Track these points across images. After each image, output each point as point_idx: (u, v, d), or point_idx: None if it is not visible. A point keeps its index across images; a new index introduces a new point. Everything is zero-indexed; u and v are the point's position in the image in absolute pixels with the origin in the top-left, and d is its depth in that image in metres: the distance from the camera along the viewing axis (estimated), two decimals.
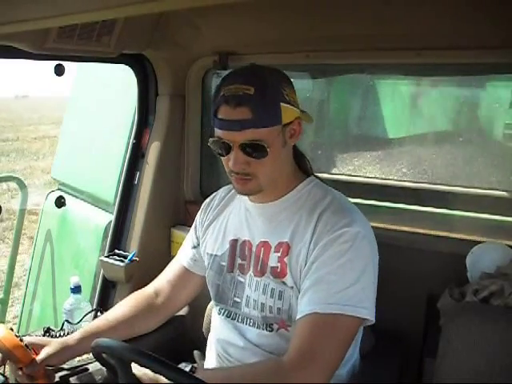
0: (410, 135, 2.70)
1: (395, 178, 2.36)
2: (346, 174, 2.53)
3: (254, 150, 1.21)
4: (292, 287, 1.27)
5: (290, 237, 1.30)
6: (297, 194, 1.34)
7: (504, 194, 2.02)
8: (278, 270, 1.30)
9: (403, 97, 2.76)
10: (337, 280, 1.18)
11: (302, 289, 1.23)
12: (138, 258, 2.08)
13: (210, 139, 1.26)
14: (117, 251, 2.14)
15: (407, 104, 2.76)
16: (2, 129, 18.00)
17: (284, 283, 1.28)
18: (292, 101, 1.24)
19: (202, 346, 1.61)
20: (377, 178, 2.44)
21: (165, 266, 1.61)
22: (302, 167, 1.39)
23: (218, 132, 1.24)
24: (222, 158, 1.27)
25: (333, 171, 2.59)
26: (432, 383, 1.40)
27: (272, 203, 1.35)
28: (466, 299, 1.51)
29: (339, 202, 1.30)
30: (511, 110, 2.37)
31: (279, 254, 1.30)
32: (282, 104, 1.21)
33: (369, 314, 1.20)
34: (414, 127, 2.71)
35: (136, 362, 1.05)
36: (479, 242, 1.63)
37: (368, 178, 2.45)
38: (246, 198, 1.38)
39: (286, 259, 1.29)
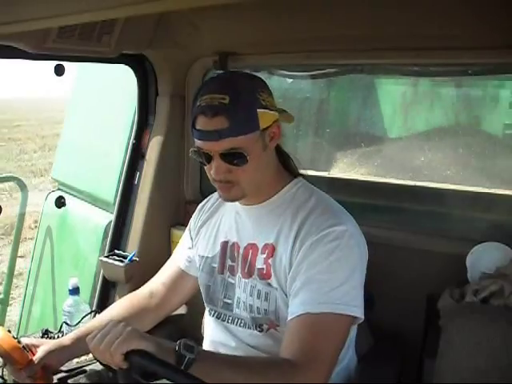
0: (410, 135, 2.70)
1: (394, 176, 2.36)
2: (344, 173, 2.53)
3: (234, 158, 1.22)
4: (277, 288, 1.28)
5: (274, 238, 1.31)
6: (282, 195, 1.35)
7: (505, 193, 2.02)
8: (264, 271, 1.31)
9: (403, 97, 2.77)
10: (327, 279, 1.19)
11: (292, 290, 1.24)
12: (137, 258, 2.08)
13: (191, 149, 1.28)
14: (117, 251, 2.14)
15: (407, 104, 2.76)
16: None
17: (269, 284, 1.30)
18: (269, 105, 1.25)
19: (200, 345, 1.61)
20: (376, 177, 2.44)
21: None
22: (287, 167, 1.40)
23: (197, 142, 1.25)
24: (205, 166, 1.29)
25: (332, 169, 2.59)
26: (432, 383, 1.40)
27: (259, 205, 1.36)
28: (465, 299, 1.51)
29: (325, 204, 1.31)
30: (511, 111, 2.37)
31: (265, 256, 1.32)
32: (258, 110, 1.22)
33: (359, 312, 1.21)
34: (413, 127, 2.71)
35: (137, 363, 1.04)
36: (479, 242, 1.63)
37: (367, 177, 2.44)
38: None
39: (270, 261, 1.30)
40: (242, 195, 1.29)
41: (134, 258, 2.07)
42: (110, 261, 2.09)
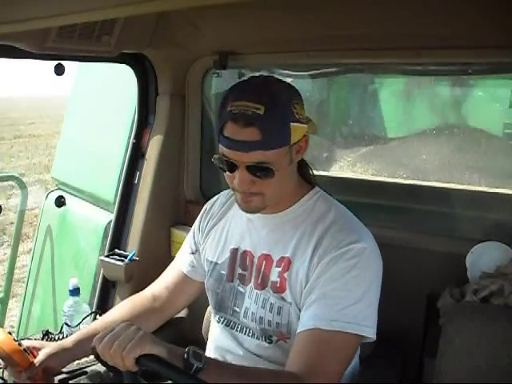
0: (410, 134, 2.71)
1: (395, 176, 2.37)
2: (346, 173, 2.53)
3: (261, 171, 1.18)
4: (291, 303, 1.26)
5: (291, 252, 1.28)
6: (301, 207, 1.32)
7: (505, 193, 2.02)
8: (278, 284, 1.28)
9: (403, 96, 2.77)
10: (342, 296, 1.17)
11: (306, 303, 1.22)
12: (137, 258, 2.08)
13: (215, 156, 1.23)
14: (117, 251, 2.14)
15: (407, 103, 2.76)
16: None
17: (283, 299, 1.27)
18: (301, 118, 1.20)
19: (201, 348, 1.61)
20: (376, 177, 2.44)
21: (165, 266, 1.60)
22: (305, 176, 1.37)
23: (223, 150, 1.20)
24: (226, 174, 1.25)
25: (332, 169, 2.59)
26: (432, 383, 1.41)
27: (275, 215, 1.32)
28: (466, 299, 1.51)
29: (344, 218, 1.28)
30: (511, 110, 2.37)
31: (280, 269, 1.29)
32: (291, 124, 1.17)
33: (371, 332, 1.19)
34: (413, 126, 2.71)
35: (149, 368, 1.04)
36: (479, 242, 1.63)
37: (368, 176, 2.45)
38: None
39: (285, 274, 1.27)
40: (262, 207, 1.26)
41: (134, 258, 2.07)
42: (110, 260, 2.08)
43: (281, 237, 1.31)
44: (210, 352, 1.46)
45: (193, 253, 1.53)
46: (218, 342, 1.43)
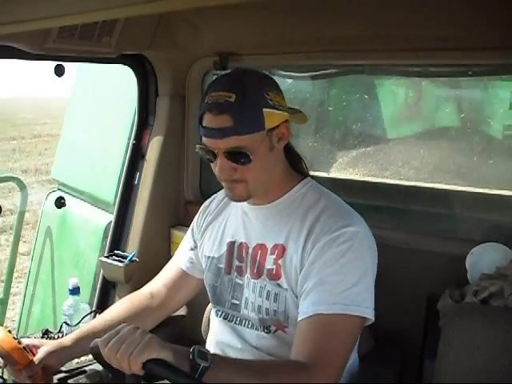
0: (410, 136, 2.71)
1: (395, 178, 2.37)
2: (345, 174, 2.53)
3: (238, 156, 1.22)
4: (287, 289, 1.27)
5: (284, 239, 1.30)
6: (292, 196, 1.34)
7: (505, 194, 2.02)
8: (274, 272, 1.30)
9: (403, 97, 2.77)
10: (339, 280, 1.18)
11: (303, 290, 1.23)
12: (137, 259, 2.08)
13: (197, 146, 1.28)
14: (116, 251, 2.14)
15: (407, 105, 2.76)
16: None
17: (279, 285, 1.29)
18: (277, 105, 1.24)
19: (202, 346, 1.61)
20: (377, 177, 2.44)
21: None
22: (296, 168, 1.39)
23: (203, 139, 1.25)
24: (211, 164, 1.29)
25: (332, 170, 2.60)
26: (432, 383, 1.41)
27: (267, 205, 1.35)
28: (465, 300, 1.51)
29: (335, 205, 1.31)
30: (511, 111, 2.37)
31: (274, 256, 1.31)
32: (264, 109, 1.20)
33: (370, 313, 1.21)
34: (413, 128, 2.71)
35: (157, 373, 1.04)
36: (479, 243, 1.63)
37: (367, 177, 2.45)
38: None
39: (280, 261, 1.29)
40: (247, 195, 1.29)
41: (133, 259, 2.07)
42: (110, 261, 2.08)
43: (273, 226, 1.34)
44: (211, 347, 1.46)
45: (192, 249, 1.54)
46: (217, 336, 1.44)
